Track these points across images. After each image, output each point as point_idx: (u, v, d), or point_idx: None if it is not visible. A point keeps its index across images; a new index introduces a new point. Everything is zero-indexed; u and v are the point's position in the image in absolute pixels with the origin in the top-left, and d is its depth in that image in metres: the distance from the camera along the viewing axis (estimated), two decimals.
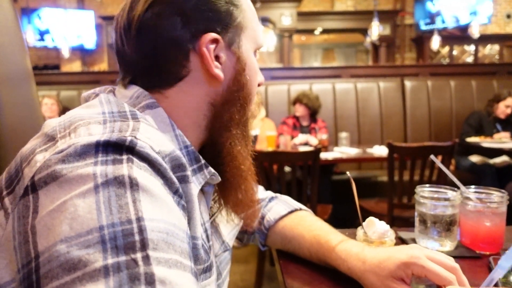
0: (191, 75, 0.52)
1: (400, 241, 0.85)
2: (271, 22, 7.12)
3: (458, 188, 0.82)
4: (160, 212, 0.38)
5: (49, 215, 0.36)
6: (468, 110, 3.69)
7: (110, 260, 0.33)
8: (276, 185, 2.30)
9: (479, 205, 0.78)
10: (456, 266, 0.56)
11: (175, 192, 0.43)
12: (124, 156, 0.39)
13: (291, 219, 0.78)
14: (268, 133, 3.09)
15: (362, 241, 0.73)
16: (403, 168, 2.30)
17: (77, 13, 7.33)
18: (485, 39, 7.02)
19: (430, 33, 6.59)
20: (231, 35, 0.53)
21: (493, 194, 0.80)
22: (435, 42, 6.03)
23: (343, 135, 3.26)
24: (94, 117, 0.44)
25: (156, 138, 0.44)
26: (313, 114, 3.38)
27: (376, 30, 5.57)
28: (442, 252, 0.77)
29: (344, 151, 3.01)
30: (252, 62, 0.57)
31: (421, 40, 7.29)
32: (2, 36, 0.71)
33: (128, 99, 0.51)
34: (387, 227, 0.72)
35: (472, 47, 7.31)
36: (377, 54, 7.55)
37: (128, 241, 0.34)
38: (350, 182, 0.73)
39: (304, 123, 3.41)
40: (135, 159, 0.39)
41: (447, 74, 4.32)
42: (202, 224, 0.54)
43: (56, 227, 0.35)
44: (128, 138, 0.40)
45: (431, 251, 0.58)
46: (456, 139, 2.47)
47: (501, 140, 3.15)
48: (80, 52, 7.62)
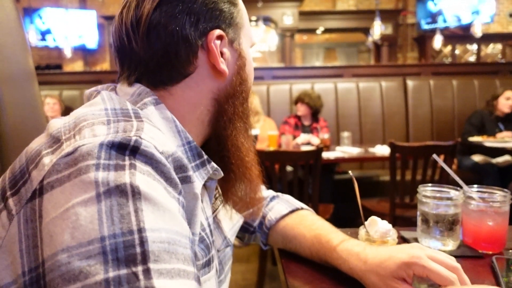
0: (198, 71, 0.53)
1: (402, 240, 0.85)
2: (273, 21, 7.12)
3: (461, 187, 0.82)
4: (162, 221, 0.38)
5: (52, 222, 0.36)
6: (470, 109, 3.68)
7: (111, 274, 0.33)
8: (278, 184, 2.30)
9: (481, 204, 0.78)
10: (458, 266, 0.56)
11: (178, 193, 0.43)
12: (127, 162, 0.39)
13: (292, 218, 0.78)
14: (270, 132, 3.09)
15: (364, 240, 0.73)
16: (405, 168, 2.30)
17: (79, 13, 7.35)
18: (487, 38, 7.00)
19: (432, 32, 6.57)
20: (232, 32, 0.56)
21: (496, 193, 0.79)
22: (437, 41, 6.01)
23: (345, 134, 3.25)
24: (97, 116, 0.45)
25: (159, 138, 0.44)
26: (315, 113, 3.37)
27: (378, 29, 5.56)
28: (445, 251, 0.77)
29: (346, 150, 3.01)
30: (250, 58, 0.60)
31: (423, 39, 7.27)
32: (4, 36, 0.71)
33: (130, 96, 0.51)
34: (389, 226, 0.72)
35: (474, 46, 7.29)
36: (379, 54, 7.54)
37: (130, 253, 0.35)
38: (353, 182, 0.73)
39: (306, 123, 3.41)
40: (137, 164, 0.39)
41: (449, 73, 4.31)
42: (206, 218, 0.55)
43: (58, 235, 0.35)
44: (133, 138, 0.40)
45: (432, 251, 0.58)
46: (458, 139, 2.46)
47: (503, 139, 3.14)
48: (82, 52, 7.63)
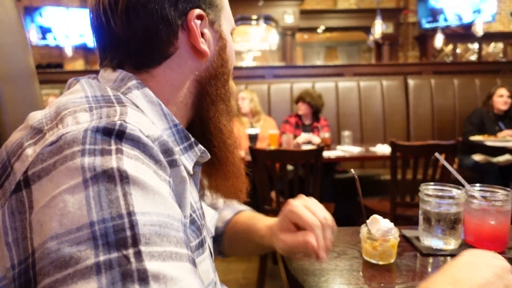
0: (178, 52, 0.52)
1: (404, 239, 0.85)
2: (274, 20, 7.11)
3: (463, 186, 0.81)
4: (153, 204, 0.37)
5: (41, 210, 0.36)
6: (471, 108, 3.67)
7: (102, 257, 0.33)
8: (278, 183, 2.30)
9: (483, 203, 0.78)
10: (326, 222, 0.61)
11: (169, 175, 0.43)
12: (113, 147, 0.38)
13: (235, 219, 0.81)
14: (271, 131, 3.09)
15: (366, 239, 0.73)
16: (406, 167, 2.30)
17: (79, 11, 7.35)
18: (489, 37, 6.99)
19: (434, 31, 6.56)
20: (213, 14, 0.55)
21: (498, 192, 0.79)
22: (439, 40, 6.01)
23: (346, 133, 3.25)
24: (78, 103, 0.44)
25: (144, 122, 0.44)
26: (315, 112, 3.37)
27: (379, 28, 5.55)
28: (446, 250, 0.77)
29: (346, 149, 3.00)
30: (230, 40, 0.59)
31: (424, 38, 7.26)
32: (5, 35, 0.71)
33: (112, 82, 0.50)
34: (391, 225, 0.72)
35: (475, 45, 7.28)
36: (380, 53, 7.53)
37: (120, 237, 0.34)
38: (355, 180, 0.73)
39: (307, 122, 3.40)
40: (124, 149, 0.38)
41: (450, 72, 4.30)
42: (195, 202, 0.55)
43: (47, 223, 0.35)
44: (118, 122, 0.40)
45: (312, 202, 0.64)
46: (459, 138, 2.46)
47: (504, 138, 3.13)
48: (83, 50, 7.63)
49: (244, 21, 7.38)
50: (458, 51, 7.35)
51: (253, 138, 3.32)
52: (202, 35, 0.53)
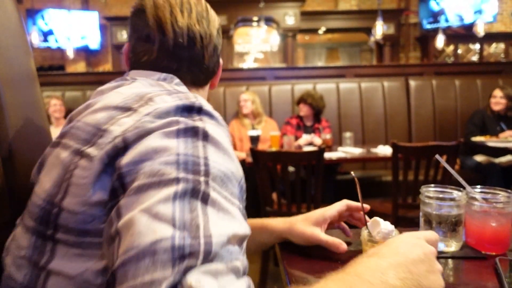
0: (207, 85, 0.75)
1: None
2: (275, 22, 7.11)
3: (464, 188, 0.81)
4: (222, 160, 0.47)
5: (135, 146, 0.46)
6: (473, 109, 3.66)
7: (182, 175, 0.43)
8: (280, 185, 2.30)
9: (485, 205, 0.78)
10: None
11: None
12: (197, 117, 0.50)
13: None
14: (272, 133, 3.09)
15: (367, 241, 0.72)
16: (407, 168, 2.29)
17: (81, 14, 7.37)
18: (490, 37, 6.97)
19: (435, 32, 6.55)
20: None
21: (499, 194, 0.79)
22: (440, 41, 6.00)
23: (347, 135, 3.25)
24: (155, 90, 0.56)
25: (208, 104, 0.55)
26: (317, 114, 3.37)
27: (380, 29, 5.55)
28: (447, 252, 0.77)
29: (348, 151, 3.00)
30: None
31: (425, 39, 7.25)
32: (6, 38, 0.71)
33: (157, 78, 0.64)
34: (392, 227, 0.72)
35: (477, 46, 7.26)
36: (381, 54, 7.52)
37: (196, 168, 0.44)
38: (355, 182, 0.73)
39: (308, 123, 3.40)
40: (205, 119, 0.50)
41: (452, 73, 4.30)
42: None
43: (140, 151, 0.45)
44: (196, 102, 0.52)
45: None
46: (461, 139, 2.45)
47: (506, 139, 3.13)
48: (84, 52, 7.65)
49: (245, 22, 7.38)
50: (460, 51, 7.33)
51: (254, 140, 3.32)
52: None
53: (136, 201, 0.41)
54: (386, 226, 0.71)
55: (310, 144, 3.12)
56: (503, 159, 3.14)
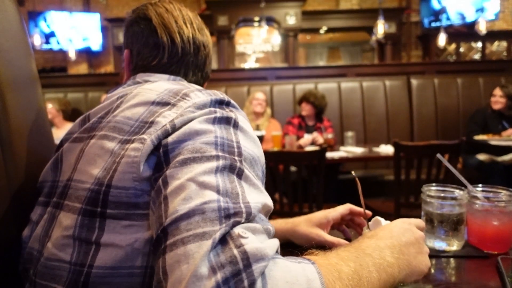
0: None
1: None
2: (276, 21, 7.11)
3: (465, 187, 0.81)
4: (250, 145, 0.55)
5: (179, 132, 0.52)
6: (475, 107, 3.65)
7: (220, 153, 0.50)
8: (282, 184, 2.30)
9: (486, 204, 0.78)
10: None
11: None
12: (228, 109, 0.58)
13: None
14: (274, 133, 3.09)
15: None
16: (409, 167, 2.29)
17: (83, 15, 7.39)
18: (492, 35, 6.94)
19: (437, 30, 6.53)
20: None
21: (501, 192, 0.79)
22: (442, 40, 5.97)
23: (349, 134, 3.24)
24: (184, 87, 0.62)
25: None
26: (319, 113, 3.36)
27: (381, 28, 5.54)
28: (449, 251, 0.77)
29: (350, 150, 3.00)
30: None
31: (427, 37, 7.23)
32: (7, 41, 0.71)
33: (167, 79, 0.71)
34: None
35: (479, 44, 7.23)
36: (382, 53, 7.50)
37: (230, 149, 0.51)
38: (356, 182, 0.73)
39: (310, 123, 3.40)
40: (234, 110, 0.59)
41: (453, 71, 4.28)
42: None
43: (188, 133, 0.52)
44: (225, 98, 0.60)
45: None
46: (463, 137, 2.44)
47: (509, 137, 3.11)
48: (86, 54, 7.67)
49: (246, 23, 7.38)
50: (462, 50, 7.31)
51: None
52: None
53: (181, 171, 0.48)
54: None
55: (312, 143, 3.12)
56: (506, 158, 3.12)
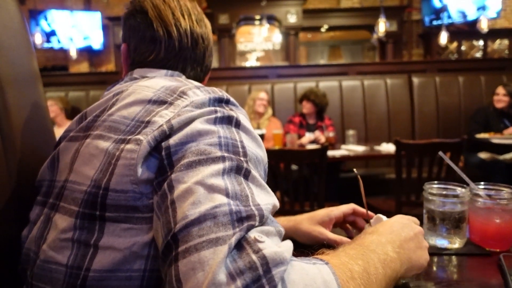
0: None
1: None
2: (277, 20, 7.10)
3: (467, 184, 0.81)
4: (253, 145, 0.54)
5: (180, 133, 0.51)
6: (477, 106, 3.64)
7: (226, 154, 0.48)
8: (283, 183, 2.30)
9: (488, 202, 0.77)
10: None
11: None
12: (227, 108, 0.56)
13: None
14: (275, 131, 3.09)
15: None
16: (411, 166, 2.28)
17: (83, 14, 7.39)
18: (494, 33, 6.92)
19: (438, 28, 6.51)
20: None
21: (503, 190, 0.79)
22: (443, 38, 5.95)
23: (350, 132, 3.24)
24: (183, 84, 0.60)
25: None
26: (320, 111, 3.36)
27: (382, 26, 5.52)
28: (451, 249, 0.77)
29: (351, 148, 2.99)
30: None
31: (428, 36, 7.21)
32: (9, 39, 0.71)
33: (164, 75, 0.68)
34: None
35: (481, 42, 7.21)
36: (384, 51, 7.49)
37: (235, 149, 0.50)
38: (358, 180, 0.73)
39: (311, 121, 3.40)
40: (234, 108, 0.57)
41: (455, 70, 4.27)
42: None
43: (186, 135, 0.50)
44: (224, 95, 0.58)
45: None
46: (465, 136, 2.44)
47: (511, 136, 3.11)
48: (87, 53, 7.67)
49: (247, 21, 7.37)
50: (463, 48, 7.28)
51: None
52: None
53: (187, 174, 0.46)
54: None
55: (313, 142, 3.12)
56: (508, 156, 3.12)
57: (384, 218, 0.71)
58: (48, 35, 7.10)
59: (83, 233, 0.52)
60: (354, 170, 0.82)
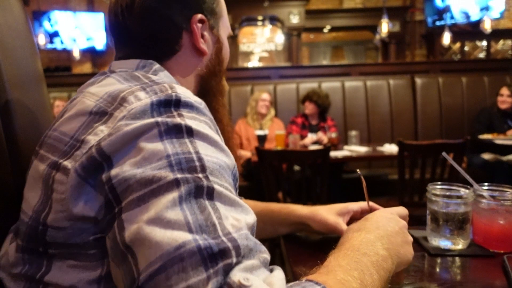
0: (183, 50, 0.63)
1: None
2: (280, 20, 7.11)
3: (471, 185, 0.81)
4: (213, 151, 0.45)
5: (120, 157, 0.43)
6: (480, 107, 3.63)
7: (179, 175, 0.41)
8: (285, 184, 2.30)
9: (492, 203, 0.77)
10: None
11: (217, 129, 0.51)
12: (175, 113, 0.46)
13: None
14: (277, 132, 3.09)
15: None
16: (413, 166, 2.28)
17: (87, 15, 7.42)
18: (497, 34, 6.90)
19: (441, 29, 6.49)
20: (213, 20, 0.66)
21: (507, 191, 0.78)
22: (446, 38, 5.93)
23: (353, 133, 3.23)
24: (128, 86, 0.51)
25: (188, 91, 0.51)
26: (322, 112, 3.36)
27: (385, 27, 5.51)
28: (455, 250, 0.77)
29: (354, 149, 2.99)
30: (226, 44, 0.71)
31: (431, 36, 7.19)
32: (13, 40, 0.72)
33: (135, 68, 0.59)
34: None
35: (484, 43, 7.19)
36: (386, 51, 7.48)
37: (191, 165, 0.42)
38: (361, 180, 0.73)
39: (313, 122, 3.39)
40: (183, 113, 0.46)
41: (458, 70, 4.26)
42: None
43: (129, 160, 0.43)
44: (173, 94, 0.47)
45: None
46: (468, 136, 2.43)
47: None
48: (90, 54, 7.70)
49: (250, 22, 7.39)
50: (466, 49, 7.26)
51: (261, 139, 3.33)
52: (202, 36, 0.64)
53: (140, 212, 0.39)
54: None
55: (316, 143, 3.12)
56: (511, 157, 3.10)
57: None
58: (51, 36, 7.14)
59: (32, 267, 0.48)
60: (357, 170, 0.82)
